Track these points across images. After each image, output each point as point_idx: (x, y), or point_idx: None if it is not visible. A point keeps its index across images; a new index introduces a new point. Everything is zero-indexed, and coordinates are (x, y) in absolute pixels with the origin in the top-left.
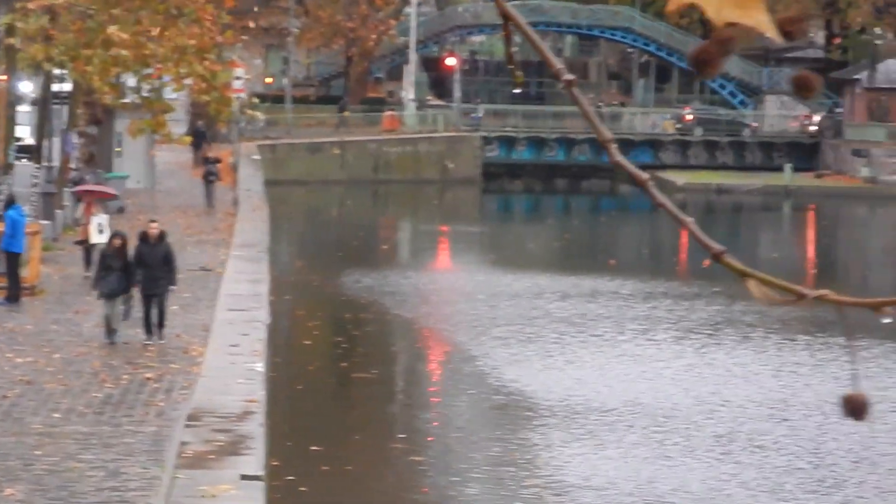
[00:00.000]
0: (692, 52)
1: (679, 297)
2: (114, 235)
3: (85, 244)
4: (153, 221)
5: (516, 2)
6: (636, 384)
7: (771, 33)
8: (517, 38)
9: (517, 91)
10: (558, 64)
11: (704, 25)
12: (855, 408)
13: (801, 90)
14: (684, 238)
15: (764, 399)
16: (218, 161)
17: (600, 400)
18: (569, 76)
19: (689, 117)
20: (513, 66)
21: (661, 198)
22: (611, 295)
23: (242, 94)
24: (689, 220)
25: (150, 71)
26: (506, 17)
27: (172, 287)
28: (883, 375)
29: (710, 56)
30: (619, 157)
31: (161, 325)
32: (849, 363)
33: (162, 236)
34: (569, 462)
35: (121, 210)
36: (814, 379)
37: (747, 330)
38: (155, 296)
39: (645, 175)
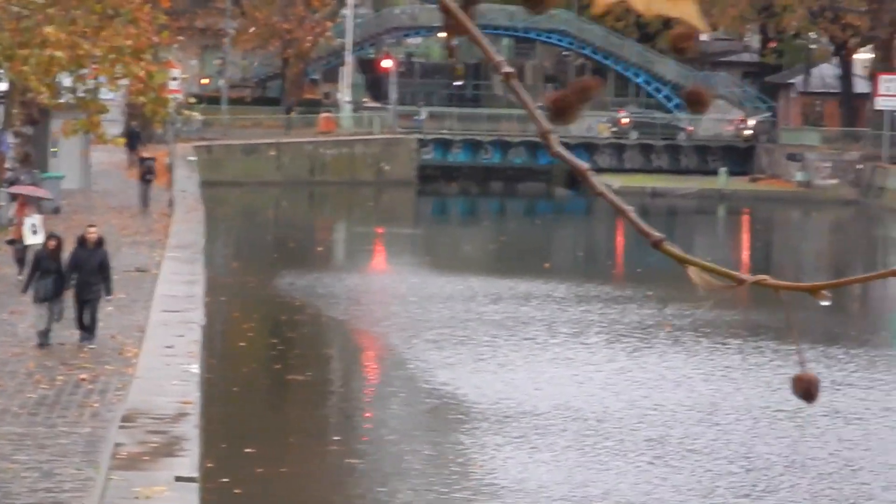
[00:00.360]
0: (550, 99)
1: (611, 300)
2: (49, 237)
3: (16, 244)
4: (91, 226)
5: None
6: (568, 388)
7: (700, 25)
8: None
9: (454, 90)
10: (498, 57)
11: (640, 28)
12: (806, 388)
13: (693, 104)
14: (619, 241)
15: (695, 403)
16: (152, 161)
17: (532, 403)
18: (508, 69)
19: (625, 121)
20: (454, 59)
21: (601, 187)
22: (544, 298)
23: (178, 95)
24: (629, 208)
25: (85, 71)
26: (446, 11)
27: (108, 297)
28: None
29: (569, 104)
30: (559, 148)
31: (92, 331)
32: (791, 357)
33: (100, 242)
34: (501, 465)
35: (56, 210)
36: (745, 383)
37: (679, 334)
38: (88, 301)
39: (585, 165)
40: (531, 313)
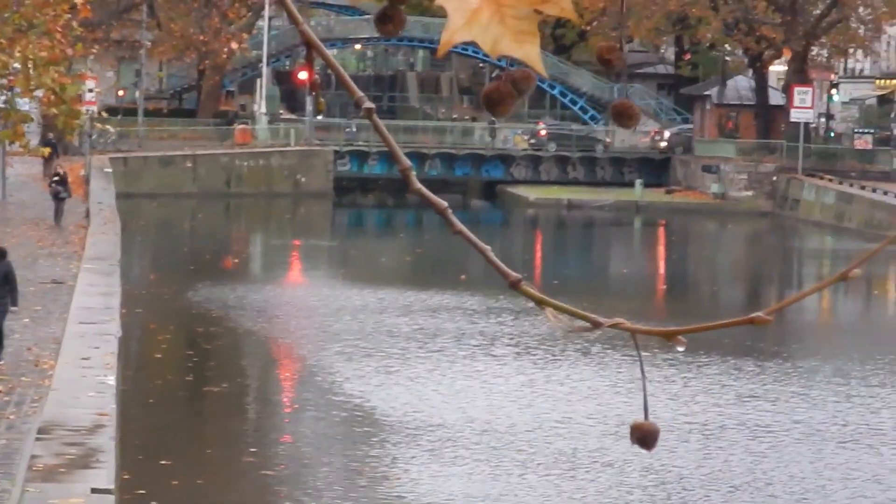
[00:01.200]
0: (485, 91)
1: (524, 312)
2: None
3: None
4: None
5: (367, 16)
6: (477, 400)
7: (541, 70)
8: (369, 53)
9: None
10: (358, 91)
11: (556, 40)
12: (642, 437)
13: (620, 118)
14: (537, 253)
15: (606, 416)
16: (63, 176)
17: (442, 416)
18: (369, 104)
19: (542, 132)
20: (316, 94)
21: (459, 225)
22: (456, 310)
23: (94, 107)
24: (486, 247)
25: (2, 82)
26: (308, 44)
27: (14, 308)
28: (729, 390)
29: (502, 96)
30: (418, 185)
31: (0, 345)
32: (701, 369)
33: (2, 254)
34: (413, 478)
35: None
36: (656, 396)
37: (588, 345)
38: None
39: (443, 203)
40: (442, 325)
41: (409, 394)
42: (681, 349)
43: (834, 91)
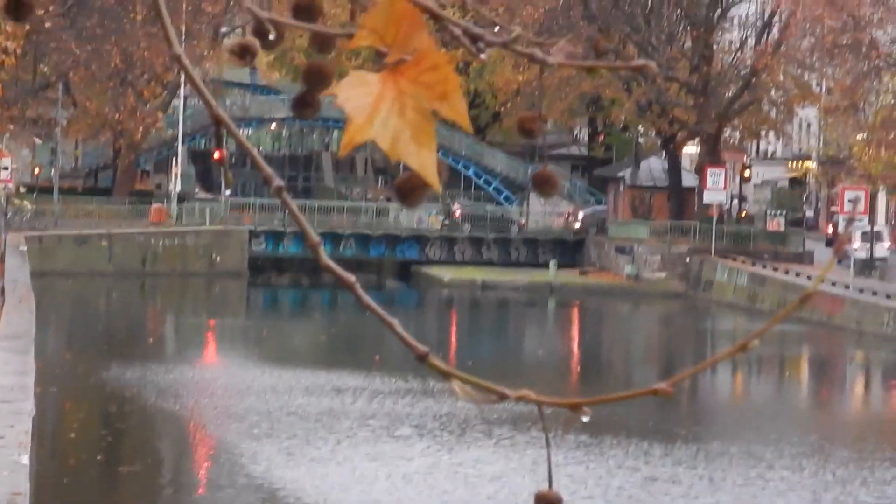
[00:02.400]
0: (396, 183)
1: (427, 393)
2: None
3: None
4: None
5: (283, 95)
6: (379, 483)
7: (434, 182)
8: (285, 133)
9: (286, 182)
10: (268, 169)
11: (471, 120)
12: None
13: (541, 187)
14: (451, 333)
15: (510, 498)
16: None
17: (344, 499)
18: (278, 182)
19: (457, 213)
20: (224, 168)
21: (367, 300)
22: (363, 391)
23: (10, 185)
24: (394, 321)
25: None
26: (217, 121)
27: None
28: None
29: (414, 187)
30: (326, 260)
31: None
32: (547, 458)
33: None
34: None
35: None
36: (559, 481)
37: (492, 427)
38: None
39: (351, 278)
40: (348, 406)
41: (311, 476)
42: (585, 419)
43: (746, 172)
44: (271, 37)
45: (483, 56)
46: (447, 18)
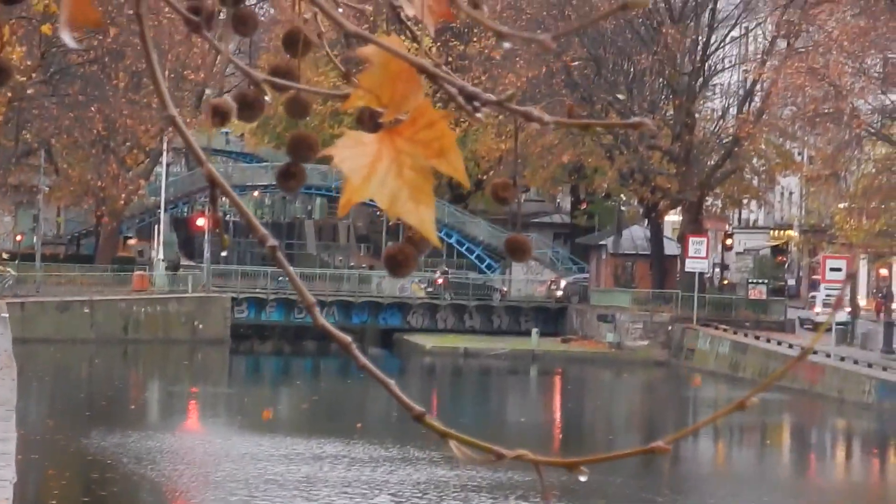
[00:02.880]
0: (387, 254)
1: (407, 461)
2: None
3: None
4: None
5: (266, 163)
6: None
7: (433, 238)
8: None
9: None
10: (262, 229)
11: (452, 189)
12: None
13: (514, 253)
14: (433, 401)
15: None
16: None
17: None
18: (272, 242)
19: (439, 281)
20: (220, 231)
21: (363, 360)
22: (342, 459)
23: None
24: (390, 381)
25: None
26: (212, 182)
27: None
28: None
29: (406, 258)
30: (322, 321)
31: None
32: None
33: None
34: None
35: None
36: None
37: (472, 495)
38: None
39: (347, 339)
40: (327, 474)
41: None
42: (583, 479)
43: (728, 240)
44: (267, 98)
45: (479, 115)
46: (443, 77)
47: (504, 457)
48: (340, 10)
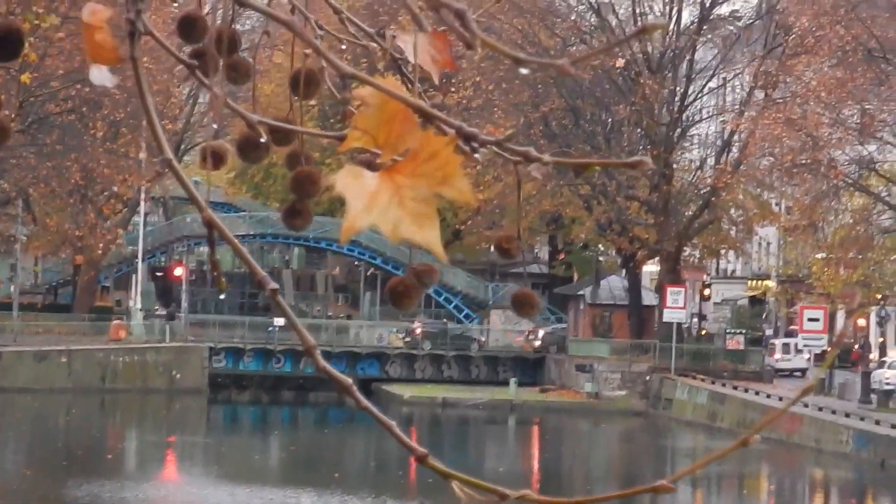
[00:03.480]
0: (389, 285)
1: None
2: None
3: None
4: None
5: (244, 213)
6: None
7: (441, 255)
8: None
9: (246, 299)
10: (261, 272)
11: None
12: None
13: (521, 308)
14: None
15: None
16: None
17: None
18: (273, 285)
19: (417, 331)
20: (217, 273)
21: (364, 402)
22: None
23: None
24: (392, 423)
25: None
26: (210, 225)
27: None
28: None
29: (408, 289)
30: (323, 363)
31: None
32: None
33: None
34: None
35: None
36: None
37: None
38: None
39: (348, 381)
40: None
41: None
42: None
43: (706, 291)
44: (262, 139)
45: (477, 156)
46: (440, 118)
47: (507, 497)
48: (344, 46)
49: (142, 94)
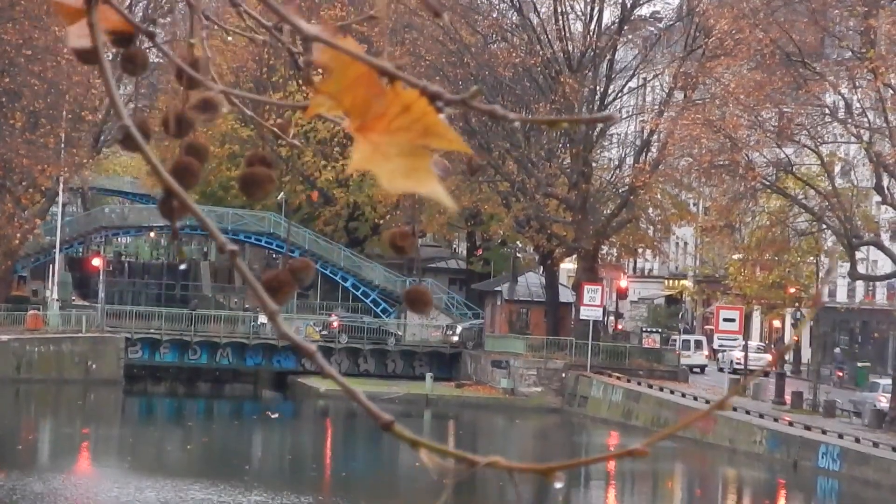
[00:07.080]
0: (264, 280)
1: None
2: None
3: None
4: None
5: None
6: None
7: (448, 203)
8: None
9: (162, 290)
10: (221, 237)
11: (349, 233)
12: None
13: (414, 304)
14: (326, 445)
15: None
16: None
17: None
18: (232, 247)
19: (334, 324)
20: (177, 242)
21: (329, 368)
22: (229, 502)
23: None
24: (357, 390)
25: None
26: (169, 191)
27: None
28: None
29: (281, 284)
30: (285, 329)
31: None
32: None
33: None
34: None
35: None
36: None
37: None
38: None
39: (313, 347)
40: None
41: None
42: (559, 486)
43: (623, 286)
44: (225, 109)
45: (441, 116)
46: (404, 78)
47: (476, 463)
48: (230, 38)
49: (101, 61)
